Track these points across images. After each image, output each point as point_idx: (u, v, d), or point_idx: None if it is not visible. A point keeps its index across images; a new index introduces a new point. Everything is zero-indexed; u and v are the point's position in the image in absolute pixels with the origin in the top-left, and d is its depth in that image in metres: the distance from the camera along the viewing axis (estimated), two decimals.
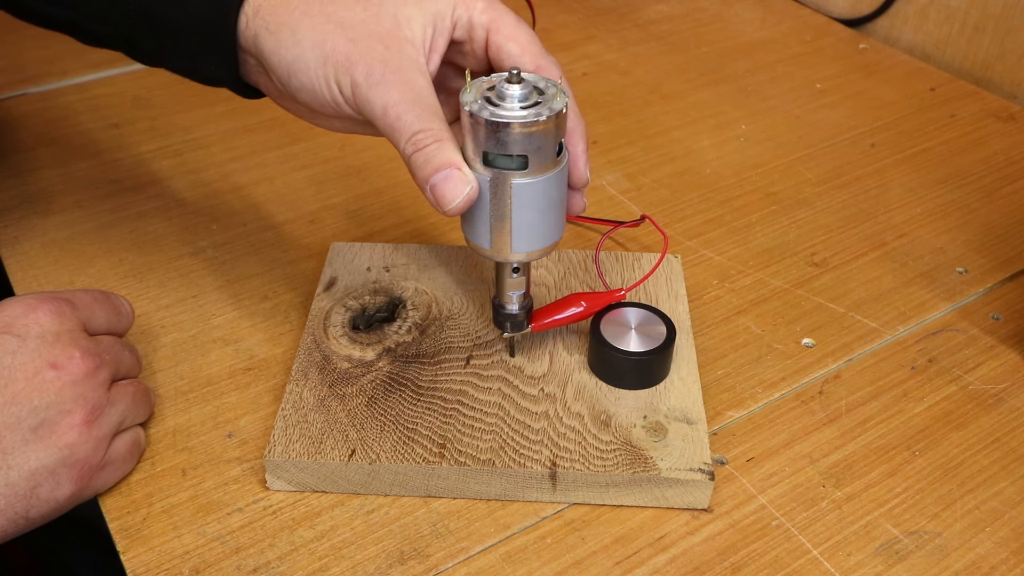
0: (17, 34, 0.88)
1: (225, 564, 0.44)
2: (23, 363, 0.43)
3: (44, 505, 0.43)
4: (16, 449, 0.42)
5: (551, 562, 0.45)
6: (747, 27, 0.95)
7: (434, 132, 0.43)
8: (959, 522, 0.47)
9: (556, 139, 0.43)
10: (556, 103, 0.42)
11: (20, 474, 0.42)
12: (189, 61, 0.49)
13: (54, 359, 0.43)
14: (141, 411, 0.49)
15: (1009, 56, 0.86)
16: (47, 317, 0.44)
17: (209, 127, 0.77)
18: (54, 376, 0.43)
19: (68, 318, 0.45)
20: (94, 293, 0.49)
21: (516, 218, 0.44)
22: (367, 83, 0.43)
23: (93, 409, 0.44)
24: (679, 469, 0.46)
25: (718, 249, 0.65)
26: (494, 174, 0.43)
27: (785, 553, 0.46)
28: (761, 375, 0.55)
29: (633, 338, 0.51)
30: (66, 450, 0.43)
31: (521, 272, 0.48)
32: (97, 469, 0.45)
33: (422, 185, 0.43)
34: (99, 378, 0.45)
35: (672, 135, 0.77)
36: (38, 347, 0.43)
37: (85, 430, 0.44)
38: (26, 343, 0.43)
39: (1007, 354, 0.57)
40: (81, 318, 0.46)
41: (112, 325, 0.49)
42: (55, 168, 0.71)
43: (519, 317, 0.50)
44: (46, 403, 0.43)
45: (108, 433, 0.45)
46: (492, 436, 0.48)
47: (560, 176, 0.44)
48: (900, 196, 0.70)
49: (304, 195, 0.69)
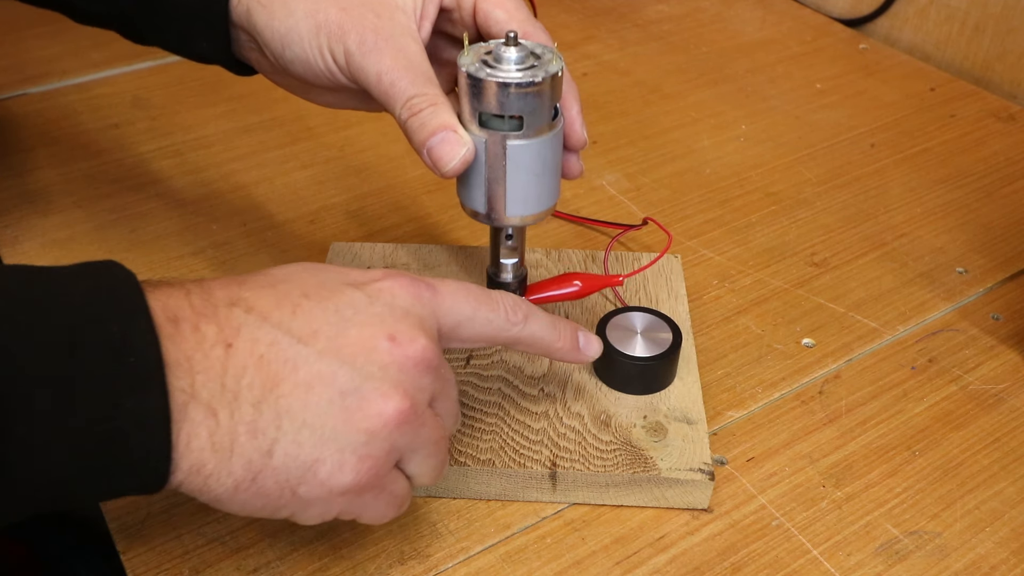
0: (18, 34, 0.88)
1: (225, 564, 0.44)
2: (362, 321, 0.37)
3: (318, 486, 0.36)
4: (319, 407, 0.35)
5: (551, 562, 0.45)
6: (747, 27, 0.95)
7: (429, 96, 0.43)
8: (959, 522, 0.47)
9: (552, 101, 0.43)
10: (552, 66, 0.43)
11: (311, 436, 0.35)
12: (181, 38, 0.49)
13: (395, 332, 0.37)
14: (433, 463, 0.39)
15: (1009, 56, 0.86)
16: (402, 292, 0.39)
17: (209, 127, 0.77)
18: (388, 348, 0.36)
19: (425, 304, 0.39)
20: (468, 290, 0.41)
21: (511, 180, 0.44)
22: (360, 51, 0.43)
23: (412, 408, 0.37)
24: (679, 469, 0.46)
25: (718, 249, 0.65)
26: (490, 136, 0.43)
27: (785, 553, 0.46)
28: (761, 375, 0.55)
29: (639, 343, 0.51)
30: (362, 436, 0.36)
31: (515, 240, 0.49)
32: (379, 480, 0.37)
33: (419, 149, 0.43)
34: (427, 380, 0.38)
35: (672, 135, 0.77)
36: (383, 314, 0.37)
37: (388, 428, 0.36)
38: (373, 306, 0.37)
39: (1007, 354, 0.57)
40: (438, 311, 0.40)
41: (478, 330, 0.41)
42: (55, 168, 0.71)
43: (512, 287, 0.50)
44: (367, 372, 0.36)
45: (400, 449, 0.37)
46: (492, 436, 0.48)
47: (555, 139, 0.45)
48: (900, 196, 0.70)
49: (304, 195, 0.69)
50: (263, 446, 0.35)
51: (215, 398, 0.34)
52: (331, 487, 0.36)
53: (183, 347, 0.33)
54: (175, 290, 0.35)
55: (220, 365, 0.34)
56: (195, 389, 0.33)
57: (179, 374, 0.33)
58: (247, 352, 0.35)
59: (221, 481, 0.35)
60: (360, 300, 0.37)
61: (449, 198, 0.69)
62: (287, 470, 0.35)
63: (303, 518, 0.37)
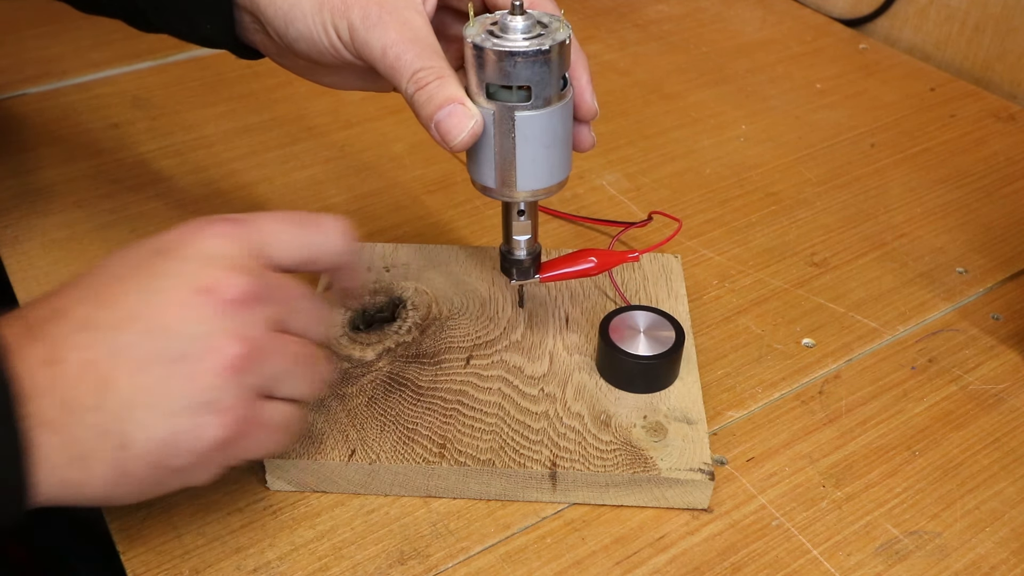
0: (18, 34, 0.88)
1: (225, 564, 0.44)
2: (172, 286, 0.37)
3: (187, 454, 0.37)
4: (156, 385, 0.36)
5: (551, 562, 0.45)
6: (747, 27, 0.95)
7: (435, 69, 0.42)
8: (959, 522, 0.47)
9: (560, 70, 0.43)
10: (559, 34, 0.42)
11: (158, 414, 0.36)
12: (186, 21, 0.49)
13: (207, 283, 0.37)
14: (302, 380, 0.40)
15: (1009, 56, 0.86)
16: (211, 239, 0.38)
17: (209, 127, 0.77)
18: (202, 301, 0.36)
19: (236, 241, 0.39)
20: (287, 216, 0.41)
21: (521, 153, 0.44)
22: (364, 25, 0.43)
23: (248, 347, 0.37)
24: (679, 469, 0.46)
25: (718, 249, 0.65)
26: (498, 107, 0.43)
27: (785, 553, 0.46)
28: (761, 375, 0.55)
29: (642, 342, 0.51)
30: (208, 393, 0.36)
31: (527, 215, 0.48)
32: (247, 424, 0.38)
33: (426, 123, 0.43)
34: (257, 313, 0.38)
35: (672, 135, 0.77)
36: (192, 270, 0.37)
37: (231, 375, 0.37)
38: (183, 265, 0.37)
39: (1007, 354, 0.57)
40: (255, 242, 0.39)
41: (305, 252, 0.41)
42: (55, 168, 0.71)
43: (525, 264, 0.50)
44: (191, 333, 0.36)
45: (257, 386, 0.38)
46: (492, 436, 0.48)
47: (565, 110, 0.44)
48: (900, 196, 0.70)
49: (304, 195, 0.69)
50: (117, 442, 0.36)
51: (58, 417, 0.35)
52: (200, 450, 0.37)
53: (16, 378, 0.35)
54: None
55: (52, 383, 0.36)
56: (38, 414, 0.35)
57: (19, 404, 0.35)
58: (74, 362, 0.36)
59: (93, 486, 0.36)
60: (168, 266, 0.38)
61: (449, 198, 0.69)
62: (150, 453, 0.36)
63: (197, 481, 0.39)
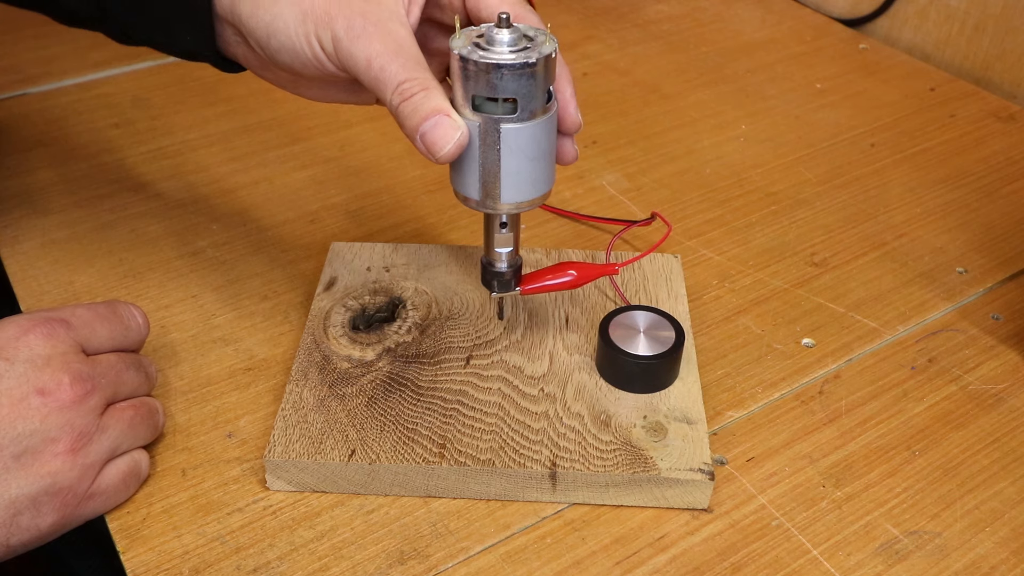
0: (17, 34, 0.88)
1: (225, 564, 0.44)
2: (9, 388, 0.42)
3: (25, 533, 0.42)
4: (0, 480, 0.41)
5: (551, 562, 0.45)
6: (747, 27, 0.95)
7: (420, 80, 0.42)
8: (959, 522, 0.47)
9: (546, 84, 0.43)
10: (545, 47, 0.42)
11: (0, 502, 0.41)
12: (166, 33, 0.48)
13: (42, 385, 0.42)
14: (140, 435, 0.47)
15: (1009, 56, 0.86)
16: (39, 340, 0.43)
17: (209, 127, 0.77)
18: (40, 403, 0.42)
19: (62, 340, 0.44)
20: (98, 308, 0.47)
21: (505, 165, 0.44)
22: (348, 37, 0.43)
23: (80, 436, 0.43)
24: (679, 469, 0.46)
25: (718, 249, 0.65)
26: (484, 120, 0.43)
27: (785, 553, 0.46)
28: (761, 375, 0.55)
29: (642, 342, 0.51)
30: (48, 479, 0.42)
31: (510, 228, 0.48)
32: (84, 498, 0.44)
33: (412, 135, 0.43)
34: (89, 404, 0.43)
35: (672, 135, 0.77)
36: (26, 372, 0.42)
37: (70, 458, 0.42)
38: (14, 367, 0.42)
39: (1007, 354, 0.57)
40: (78, 338, 0.45)
41: (118, 341, 0.47)
42: (55, 168, 0.71)
43: (506, 276, 0.50)
44: (30, 430, 0.41)
45: (97, 461, 0.44)
46: (492, 436, 0.48)
47: (549, 123, 0.44)
48: (900, 196, 0.70)
49: (304, 195, 0.69)
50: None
51: None
52: (42, 531, 0.42)
53: None
54: None
55: None
56: None
57: None
58: None
59: None
60: (3, 368, 0.42)
61: (449, 198, 0.69)
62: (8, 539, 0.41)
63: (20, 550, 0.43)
